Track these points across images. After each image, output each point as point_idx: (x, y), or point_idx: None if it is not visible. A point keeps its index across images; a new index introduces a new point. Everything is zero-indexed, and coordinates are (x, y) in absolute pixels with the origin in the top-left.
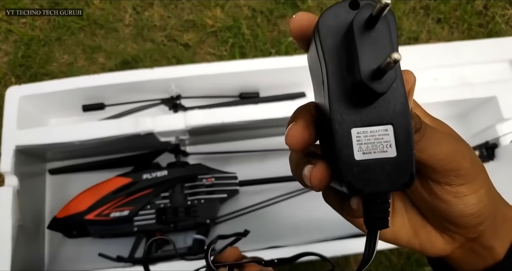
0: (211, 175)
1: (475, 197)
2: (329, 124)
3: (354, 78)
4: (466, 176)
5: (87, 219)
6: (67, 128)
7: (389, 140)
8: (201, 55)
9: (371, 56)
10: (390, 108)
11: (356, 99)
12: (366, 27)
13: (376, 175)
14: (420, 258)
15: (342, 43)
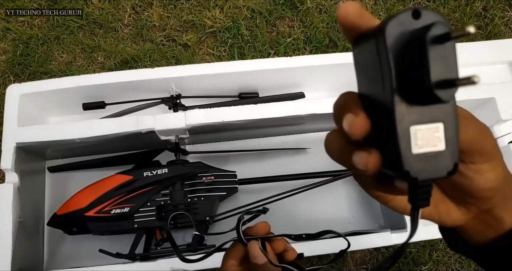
0: (211, 173)
1: (494, 174)
2: (389, 119)
3: (421, 84)
4: (488, 155)
5: (87, 215)
6: (68, 125)
7: (439, 135)
8: (200, 55)
9: (440, 68)
10: (442, 109)
11: (416, 101)
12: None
13: (428, 165)
14: (417, 258)
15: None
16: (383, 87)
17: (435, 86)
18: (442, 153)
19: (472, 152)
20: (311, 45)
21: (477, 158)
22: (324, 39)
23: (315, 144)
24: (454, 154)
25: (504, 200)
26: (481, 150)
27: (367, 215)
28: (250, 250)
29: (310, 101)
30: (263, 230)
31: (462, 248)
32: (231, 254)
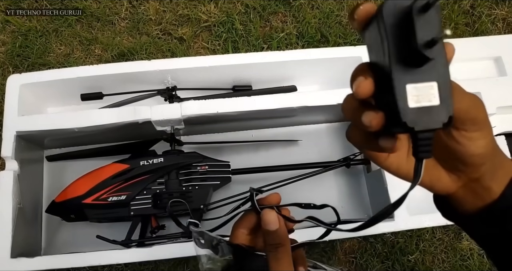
0: (205, 163)
1: (484, 142)
2: (389, 80)
3: (411, 47)
4: (480, 124)
5: (85, 203)
6: (67, 115)
7: (434, 92)
8: (195, 48)
9: (425, 31)
10: (435, 70)
11: (411, 63)
12: (421, 11)
13: (424, 117)
14: (404, 247)
15: (401, 22)
16: (383, 55)
17: (422, 46)
18: (437, 107)
19: (466, 120)
20: (303, 40)
21: (470, 126)
22: (316, 34)
23: (306, 136)
24: (449, 108)
25: (492, 171)
26: (474, 118)
27: (356, 205)
28: (264, 216)
29: (302, 94)
30: (275, 200)
31: (453, 216)
32: (242, 223)
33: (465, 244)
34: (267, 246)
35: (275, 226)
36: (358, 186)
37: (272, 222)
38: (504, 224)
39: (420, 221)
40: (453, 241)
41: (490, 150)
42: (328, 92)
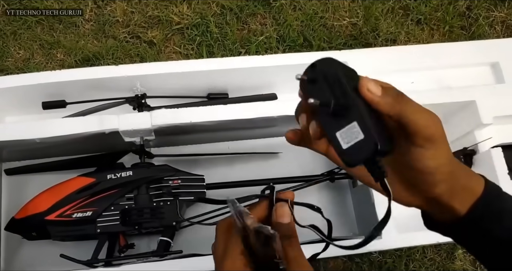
0: (178, 176)
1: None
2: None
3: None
4: (437, 142)
5: (47, 219)
6: (27, 125)
7: (357, 130)
8: (166, 53)
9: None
10: (353, 112)
11: (336, 115)
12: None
13: (357, 152)
14: (393, 268)
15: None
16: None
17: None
18: (363, 140)
19: (424, 136)
20: (284, 44)
21: (427, 143)
22: (298, 38)
23: (287, 148)
24: (372, 138)
25: (452, 192)
26: (431, 135)
27: (341, 222)
28: (278, 209)
29: (282, 102)
30: (290, 195)
31: (432, 226)
32: (254, 210)
33: (458, 265)
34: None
35: (288, 219)
36: (343, 202)
37: (286, 215)
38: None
39: (409, 239)
40: (445, 261)
41: (445, 171)
42: None
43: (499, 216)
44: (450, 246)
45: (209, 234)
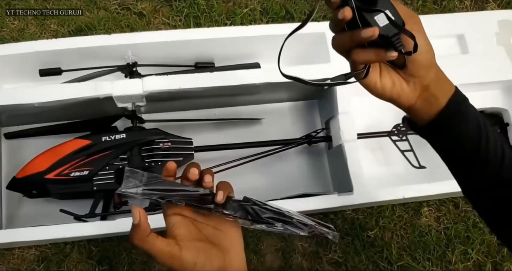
0: (168, 139)
1: (428, 56)
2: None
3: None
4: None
5: (47, 178)
6: (27, 90)
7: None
8: (155, 24)
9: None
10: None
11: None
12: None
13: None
14: (364, 224)
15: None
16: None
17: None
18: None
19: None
20: (268, 17)
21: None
22: (281, 10)
23: (269, 115)
24: (398, 22)
25: (437, 81)
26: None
27: (317, 182)
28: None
29: (265, 70)
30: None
31: (417, 128)
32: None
33: (424, 221)
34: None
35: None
36: (320, 163)
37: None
38: (449, 126)
39: (378, 195)
40: (412, 218)
41: (433, 62)
42: (293, 69)
43: (466, 116)
44: (417, 204)
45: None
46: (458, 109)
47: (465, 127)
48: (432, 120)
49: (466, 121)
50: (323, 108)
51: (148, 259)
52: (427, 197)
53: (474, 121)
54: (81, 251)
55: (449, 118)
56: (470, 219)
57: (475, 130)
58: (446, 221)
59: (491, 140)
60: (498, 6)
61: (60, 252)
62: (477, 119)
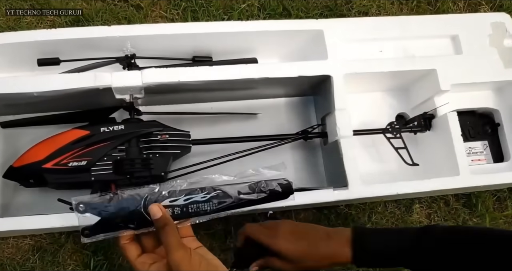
0: (166, 131)
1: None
2: None
3: None
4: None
5: (45, 167)
6: (26, 78)
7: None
8: (152, 17)
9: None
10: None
11: None
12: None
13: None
14: (357, 219)
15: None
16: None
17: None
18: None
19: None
20: (265, 13)
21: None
22: (278, 7)
23: (266, 110)
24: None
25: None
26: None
27: (311, 177)
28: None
29: (263, 65)
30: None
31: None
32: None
33: (415, 217)
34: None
35: (159, 214)
36: (315, 158)
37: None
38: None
39: (372, 190)
40: (404, 214)
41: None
42: (289, 64)
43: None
44: (409, 201)
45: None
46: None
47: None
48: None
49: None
50: (319, 104)
51: None
52: (420, 193)
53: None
54: (76, 241)
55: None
56: (460, 216)
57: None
58: (436, 218)
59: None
60: (490, 8)
61: (55, 242)
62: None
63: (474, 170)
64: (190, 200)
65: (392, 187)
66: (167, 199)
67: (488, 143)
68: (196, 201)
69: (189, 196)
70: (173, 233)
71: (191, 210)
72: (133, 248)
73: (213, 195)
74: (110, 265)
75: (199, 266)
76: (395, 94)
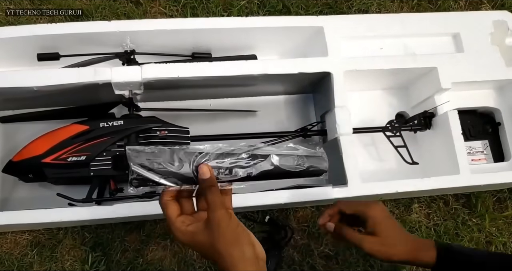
0: (165, 128)
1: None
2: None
3: None
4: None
5: (44, 162)
6: (26, 73)
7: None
8: (151, 13)
9: None
10: None
11: None
12: None
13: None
14: None
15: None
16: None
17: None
18: None
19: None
20: (265, 10)
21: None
22: (278, 4)
23: (264, 107)
24: None
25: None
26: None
27: None
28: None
29: (263, 62)
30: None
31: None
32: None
33: (414, 217)
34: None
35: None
36: None
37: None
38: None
39: (371, 188)
40: (403, 214)
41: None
42: (289, 61)
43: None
44: (408, 200)
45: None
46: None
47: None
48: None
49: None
50: (318, 102)
51: (141, 246)
52: (419, 192)
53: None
54: (74, 237)
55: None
56: (460, 216)
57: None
58: (436, 217)
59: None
60: (492, 7)
61: (53, 237)
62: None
63: (474, 170)
64: (235, 164)
65: (392, 185)
66: (214, 161)
67: (488, 143)
68: (240, 165)
69: (234, 160)
70: (217, 193)
71: (234, 173)
72: (174, 206)
73: (256, 161)
74: (108, 261)
75: (237, 227)
76: (395, 92)
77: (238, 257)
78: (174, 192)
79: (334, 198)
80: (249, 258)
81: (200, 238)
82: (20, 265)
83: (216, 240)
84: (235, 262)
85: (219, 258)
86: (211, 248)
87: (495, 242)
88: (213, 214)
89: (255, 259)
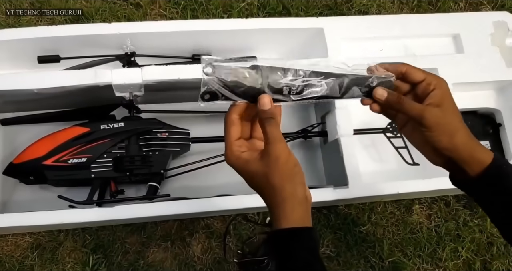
0: (165, 129)
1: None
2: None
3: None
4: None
5: (45, 164)
6: (27, 75)
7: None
8: (152, 15)
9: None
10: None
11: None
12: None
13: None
14: (356, 219)
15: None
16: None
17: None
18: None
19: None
20: (265, 11)
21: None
22: (278, 6)
23: None
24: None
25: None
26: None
27: (311, 176)
28: (260, 99)
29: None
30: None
31: (457, 183)
32: (234, 109)
33: (415, 218)
34: (263, 119)
35: (268, 106)
36: (314, 157)
37: (266, 104)
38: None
39: (372, 189)
40: (404, 215)
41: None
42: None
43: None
44: (408, 201)
45: (193, 184)
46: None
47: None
48: (468, 182)
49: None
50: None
51: (142, 248)
52: (420, 193)
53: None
54: (75, 239)
55: (488, 184)
56: (461, 217)
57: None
58: (437, 219)
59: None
60: (492, 8)
61: (54, 240)
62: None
63: None
64: (307, 82)
65: (393, 186)
66: (287, 78)
67: (489, 144)
68: (312, 84)
69: (307, 78)
70: (277, 126)
71: (306, 91)
72: (237, 128)
73: (328, 81)
74: (109, 263)
75: (294, 167)
76: None
77: (290, 193)
78: (241, 110)
79: (336, 199)
80: (299, 197)
81: (253, 168)
82: (21, 267)
83: (272, 173)
84: (287, 197)
85: (270, 189)
86: (264, 179)
87: (497, 243)
88: (272, 146)
89: (304, 199)
